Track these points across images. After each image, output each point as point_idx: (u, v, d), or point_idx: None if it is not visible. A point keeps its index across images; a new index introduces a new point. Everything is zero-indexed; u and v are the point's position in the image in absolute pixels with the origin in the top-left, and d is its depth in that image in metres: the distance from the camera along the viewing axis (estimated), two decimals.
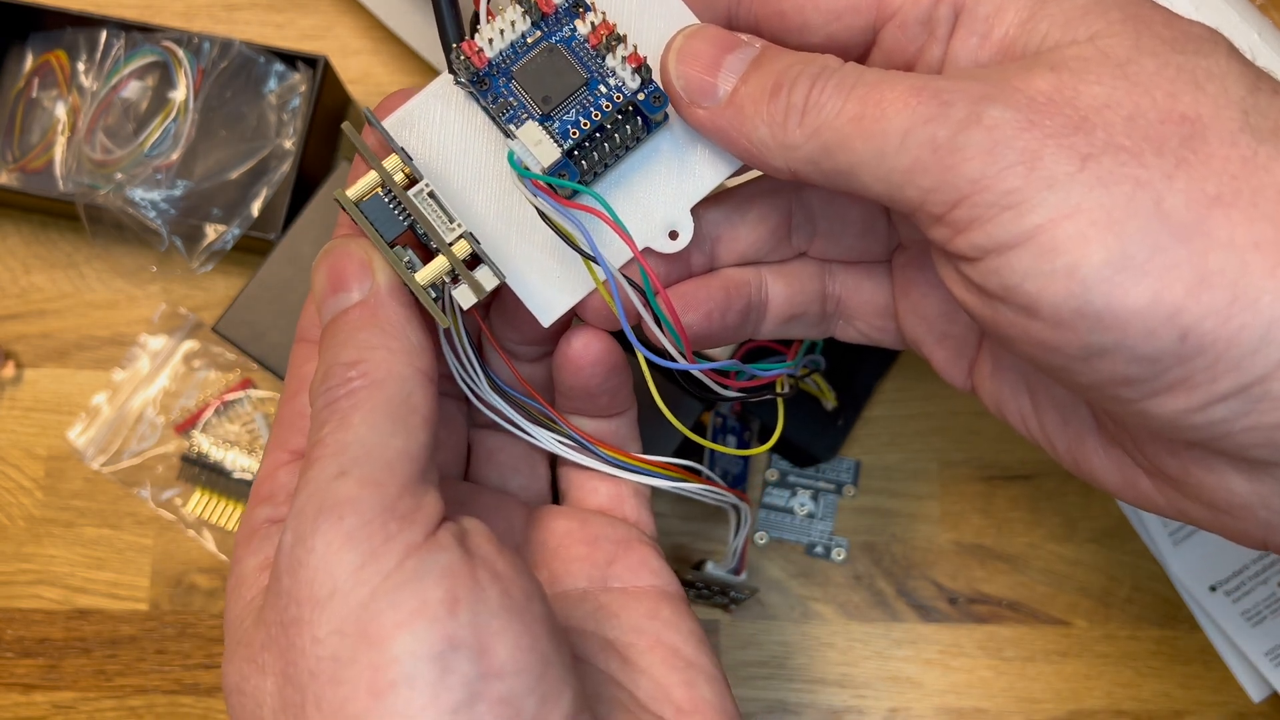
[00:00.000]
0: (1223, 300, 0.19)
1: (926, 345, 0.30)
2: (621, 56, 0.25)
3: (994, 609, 0.46)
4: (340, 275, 0.25)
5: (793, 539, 0.46)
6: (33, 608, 0.45)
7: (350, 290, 0.25)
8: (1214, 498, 0.24)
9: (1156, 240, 0.20)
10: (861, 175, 0.22)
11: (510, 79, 0.25)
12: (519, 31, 0.25)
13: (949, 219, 0.22)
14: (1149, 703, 0.45)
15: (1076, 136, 0.20)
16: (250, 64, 0.46)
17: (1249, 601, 0.44)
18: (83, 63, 0.46)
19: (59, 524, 0.46)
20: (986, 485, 0.47)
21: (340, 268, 0.25)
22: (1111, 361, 0.21)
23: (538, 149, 0.25)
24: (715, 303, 0.28)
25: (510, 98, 0.25)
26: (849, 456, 0.47)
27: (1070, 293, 0.20)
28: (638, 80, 0.25)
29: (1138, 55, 0.21)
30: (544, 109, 0.25)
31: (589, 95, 0.25)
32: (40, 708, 0.45)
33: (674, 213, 0.27)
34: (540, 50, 0.25)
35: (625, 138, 0.26)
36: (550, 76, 0.25)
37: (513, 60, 0.25)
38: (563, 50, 0.25)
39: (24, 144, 0.47)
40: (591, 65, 0.25)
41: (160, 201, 0.45)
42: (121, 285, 0.48)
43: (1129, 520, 0.46)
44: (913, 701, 0.45)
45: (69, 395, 0.47)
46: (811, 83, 0.23)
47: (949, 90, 0.21)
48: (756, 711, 0.45)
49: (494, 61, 0.25)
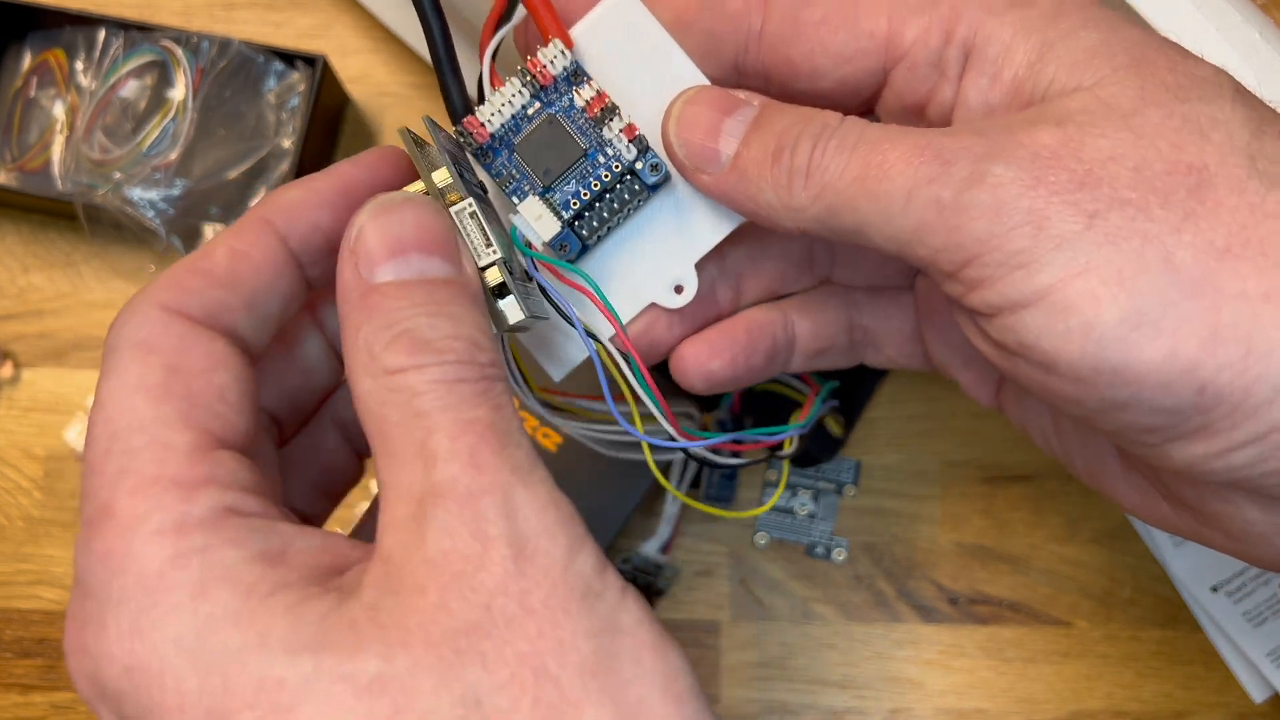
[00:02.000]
0: (1237, 354, 0.20)
1: (953, 368, 0.30)
2: (617, 129, 0.25)
3: (995, 610, 0.45)
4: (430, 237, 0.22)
5: (793, 539, 0.46)
6: (32, 608, 0.45)
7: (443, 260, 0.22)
8: (1230, 527, 0.24)
9: (1167, 295, 0.20)
10: (870, 234, 0.22)
11: (513, 151, 0.26)
12: (519, 105, 0.26)
13: (960, 277, 0.21)
14: (1150, 704, 0.45)
15: (1082, 192, 0.20)
16: (249, 63, 0.46)
17: (1250, 602, 0.44)
18: (81, 62, 0.46)
19: (58, 524, 0.46)
20: (988, 486, 0.46)
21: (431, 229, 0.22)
22: (1131, 413, 0.21)
23: (538, 223, 0.25)
24: (739, 347, 0.28)
25: (513, 169, 0.26)
26: (849, 456, 0.47)
27: (1085, 351, 0.20)
28: (634, 151, 0.26)
29: (1142, 105, 0.21)
30: (545, 181, 0.26)
31: (588, 165, 0.26)
32: (39, 708, 0.45)
33: (678, 269, 0.27)
34: (541, 122, 0.26)
35: (626, 202, 0.26)
36: (550, 149, 0.26)
37: (515, 132, 0.26)
38: (562, 121, 0.26)
39: (22, 143, 0.47)
40: (590, 136, 0.26)
41: (159, 201, 0.45)
42: (120, 285, 0.48)
43: (1130, 521, 0.46)
44: (913, 702, 0.45)
45: (67, 395, 0.47)
46: (813, 143, 0.23)
47: (951, 149, 0.21)
48: (757, 712, 0.45)
49: (496, 135, 0.26)
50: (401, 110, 0.49)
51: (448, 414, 0.20)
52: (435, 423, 0.20)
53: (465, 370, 0.21)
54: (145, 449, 0.20)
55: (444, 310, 0.21)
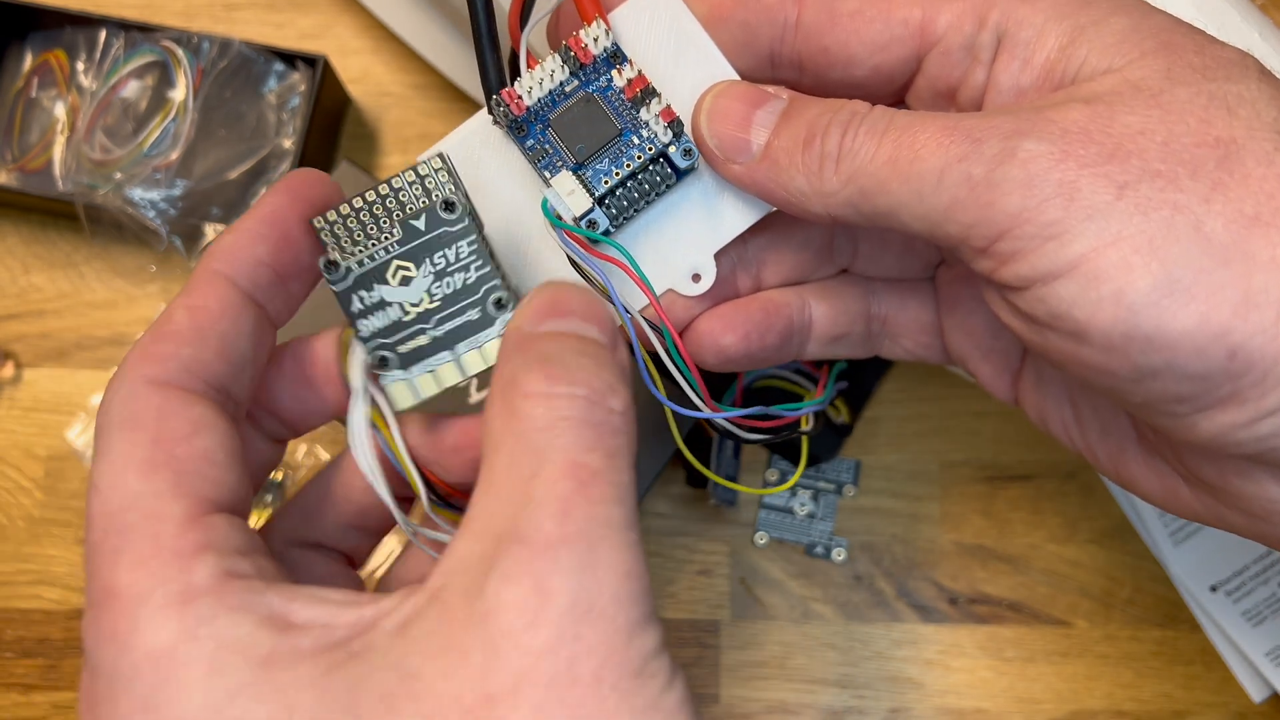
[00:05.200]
0: (1270, 318, 0.20)
1: (972, 361, 0.30)
2: (655, 111, 0.26)
3: (994, 609, 0.46)
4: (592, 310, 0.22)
5: (793, 539, 0.46)
6: (32, 608, 0.45)
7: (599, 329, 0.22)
8: (1252, 506, 0.24)
9: (1199, 263, 0.20)
10: (901, 215, 0.23)
11: (547, 126, 0.26)
12: (557, 80, 0.26)
13: (992, 251, 0.22)
14: (1150, 703, 0.45)
15: (1112, 164, 0.21)
16: (249, 63, 0.46)
17: (1250, 602, 0.44)
18: (82, 62, 0.46)
19: (59, 524, 0.46)
20: (987, 486, 0.46)
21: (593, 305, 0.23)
22: (1162, 381, 0.21)
23: (570, 198, 0.25)
24: (754, 324, 0.28)
25: (546, 145, 0.26)
26: (849, 456, 0.47)
27: (1118, 318, 0.21)
28: (670, 134, 0.26)
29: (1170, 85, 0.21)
30: (578, 158, 0.26)
31: (622, 145, 0.26)
32: (40, 708, 0.45)
33: (698, 257, 0.27)
34: (578, 100, 0.26)
35: (655, 186, 0.26)
36: (585, 126, 0.26)
37: (550, 108, 0.26)
38: (599, 100, 0.26)
39: (23, 144, 0.47)
40: (626, 116, 0.26)
41: (159, 201, 0.45)
42: (121, 285, 0.48)
43: (1130, 521, 0.46)
44: (913, 702, 0.45)
45: (68, 395, 0.47)
46: (843, 129, 0.23)
47: (980, 128, 0.22)
48: (756, 711, 0.45)
49: (532, 109, 0.26)
50: (402, 110, 0.49)
51: (561, 454, 0.19)
52: (546, 459, 0.19)
53: (594, 411, 0.20)
54: (140, 524, 0.20)
55: (590, 353, 0.21)
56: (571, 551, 0.18)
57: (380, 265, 0.24)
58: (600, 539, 0.19)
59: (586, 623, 0.18)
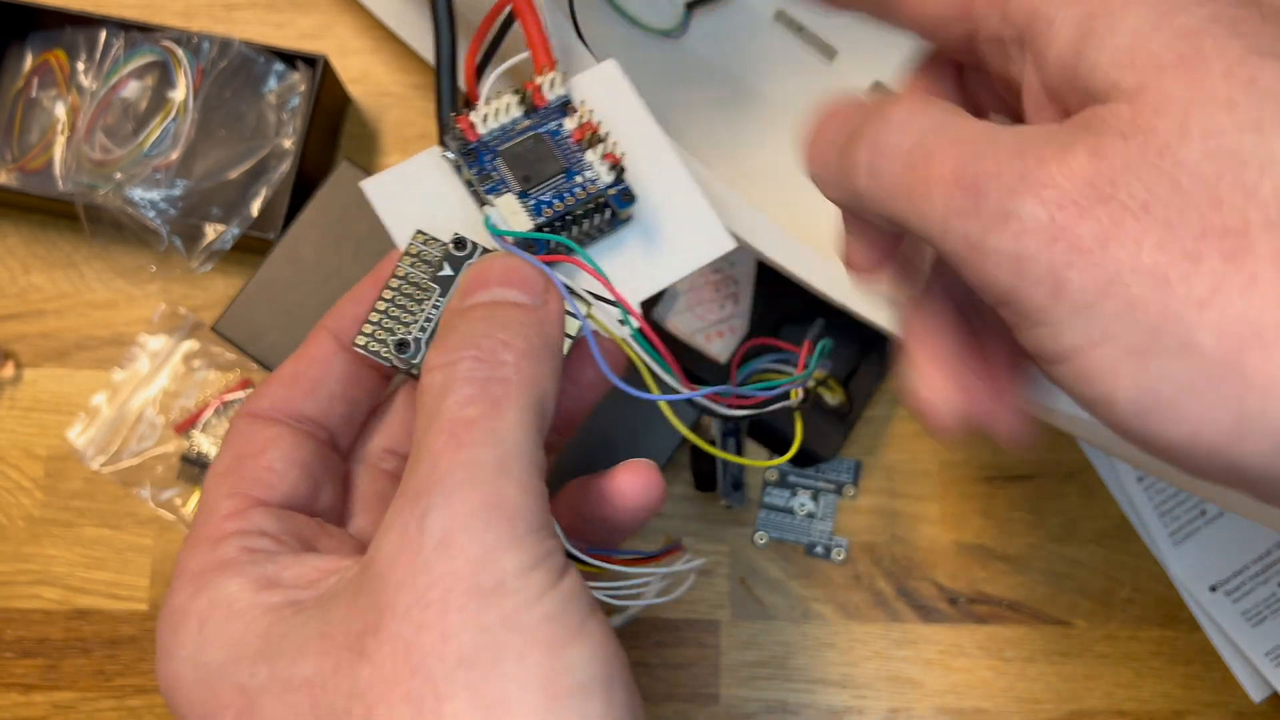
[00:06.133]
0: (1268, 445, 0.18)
1: None
2: (600, 153, 0.27)
3: (994, 609, 0.46)
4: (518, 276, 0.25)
5: (793, 539, 0.46)
6: (32, 608, 0.45)
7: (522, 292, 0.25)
8: None
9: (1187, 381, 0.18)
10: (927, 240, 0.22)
11: (496, 156, 0.27)
12: (511, 117, 0.28)
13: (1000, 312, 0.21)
14: (1149, 703, 0.45)
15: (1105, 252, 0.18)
16: (249, 63, 0.46)
17: (1249, 601, 0.44)
18: (82, 62, 0.46)
19: (59, 524, 0.46)
20: (987, 486, 0.47)
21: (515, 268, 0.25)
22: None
23: (513, 218, 0.27)
24: None
25: (494, 172, 0.27)
26: (849, 456, 0.47)
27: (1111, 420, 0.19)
28: (612, 175, 0.27)
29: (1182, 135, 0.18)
30: (523, 186, 0.27)
31: (566, 182, 0.27)
32: (40, 708, 0.45)
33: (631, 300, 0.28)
34: (528, 137, 0.28)
35: (592, 226, 0.28)
36: (533, 161, 0.27)
37: (501, 141, 0.28)
38: (548, 140, 0.28)
39: (23, 144, 0.47)
40: (572, 157, 0.27)
41: (159, 201, 0.45)
42: (121, 285, 0.48)
43: (1129, 521, 0.46)
44: (913, 702, 0.45)
45: (68, 395, 0.47)
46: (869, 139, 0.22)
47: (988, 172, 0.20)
48: (757, 711, 0.45)
49: (484, 138, 0.27)
50: (402, 110, 0.49)
51: (444, 413, 0.22)
52: (433, 421, 0.22)
53: (479, 368, 0.23)
54: (202, 517, 0.25)
55: (492, 316, 0.24)
56: (429, 498, 0.21)
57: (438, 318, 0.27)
58: (461, 481, 0.21)
59: (438, 554, 0.21)
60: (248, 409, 0.28)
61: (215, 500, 0.26)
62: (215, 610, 0.23)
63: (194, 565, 0.24)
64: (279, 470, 0.26)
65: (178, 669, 0.23)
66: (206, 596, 0.23)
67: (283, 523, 0.26)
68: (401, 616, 0.20)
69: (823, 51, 0.45)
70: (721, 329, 0.45)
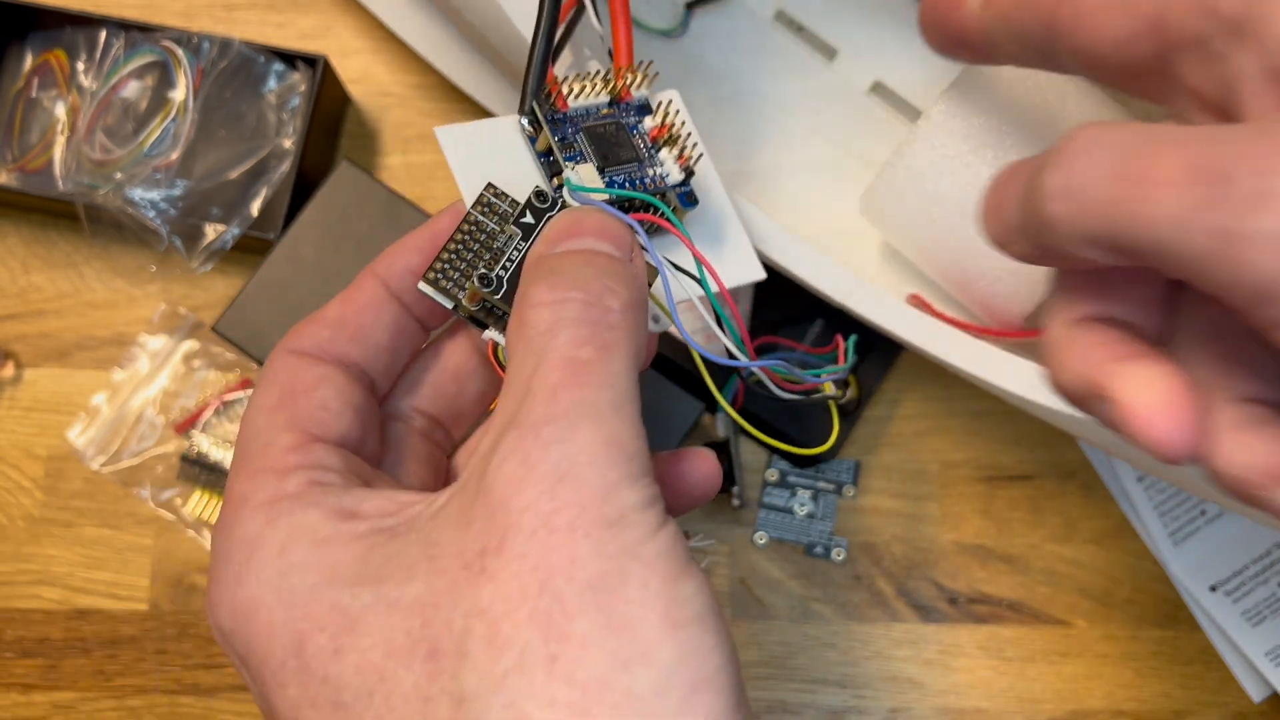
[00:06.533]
0: None
1: None
2: (676, 154, 0.29)
3: (994, 609, 0.46)
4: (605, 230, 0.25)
5: (792, 539, 0.46)
6: (32, 608, 0.45)
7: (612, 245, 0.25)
8: None
9: None
10: None
11: (579, 131, 0.29)
12: (597, 100, 0.29)
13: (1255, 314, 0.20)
14: (1149, 703, 0.45)
15: None
16: (250, 63, 0.46)
17: (1249, 601, 0.45)
18: (82, 62, 0.46)
19: (59, 524, 0.46)
20: (986, 486, 0.47)
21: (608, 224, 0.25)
22: None
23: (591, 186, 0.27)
24: None
25: (575, 142, 0.29)
26: (849, 457, 0.47)
27: None
28: (681, 175, 0.29)
29: None
30: (600, 163, 0.28)
31: (638, 170, 0.29)
32: (40, 708, 0.45)
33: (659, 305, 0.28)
34: (609, 122, 0.29)
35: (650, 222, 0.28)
36: (612, 144, 0.29)
37: (584, 119, 0.29)
38: (627, 130, 0.29)
39: (23, 144, 0.47)
40: (647, 151, 0.29)
41: (159, 201, 0.45)
42: (121, 285, 0.48)
43: (1129, 521, 0.46)
44: (913, 702, 0.45)
45: (69, 395, 0.47)
46: None
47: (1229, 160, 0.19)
48: (756, 711, 0.45)
49: (571, 112, 0.29)
50: (402, 110, 0.49)
51: (557, 351, 0.22)
52: (544, 358, 0.22)
53: (589, 311, 0.23)
54: (257, 449, 0.25)
55: (595, 263, 0.24)
56: (554, 428, 0.21)
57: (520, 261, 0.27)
58: (582, 416, 0.21)
59: (564, 484, 0.21)
60: (289, 346, 0.27)
61: (271, 433, 0.25)
62: (298, 536, 0.23)
63: (261, 495, 0.24)
64: (334, 409, 0.26)
65: (254, 593, 0.23)
66: (284, 524, 0.23)
67: (344, 460, 0.25)
68: (528, 537, 0.20)
69: (823, 51, 0.45)
70: None
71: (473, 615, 0.20)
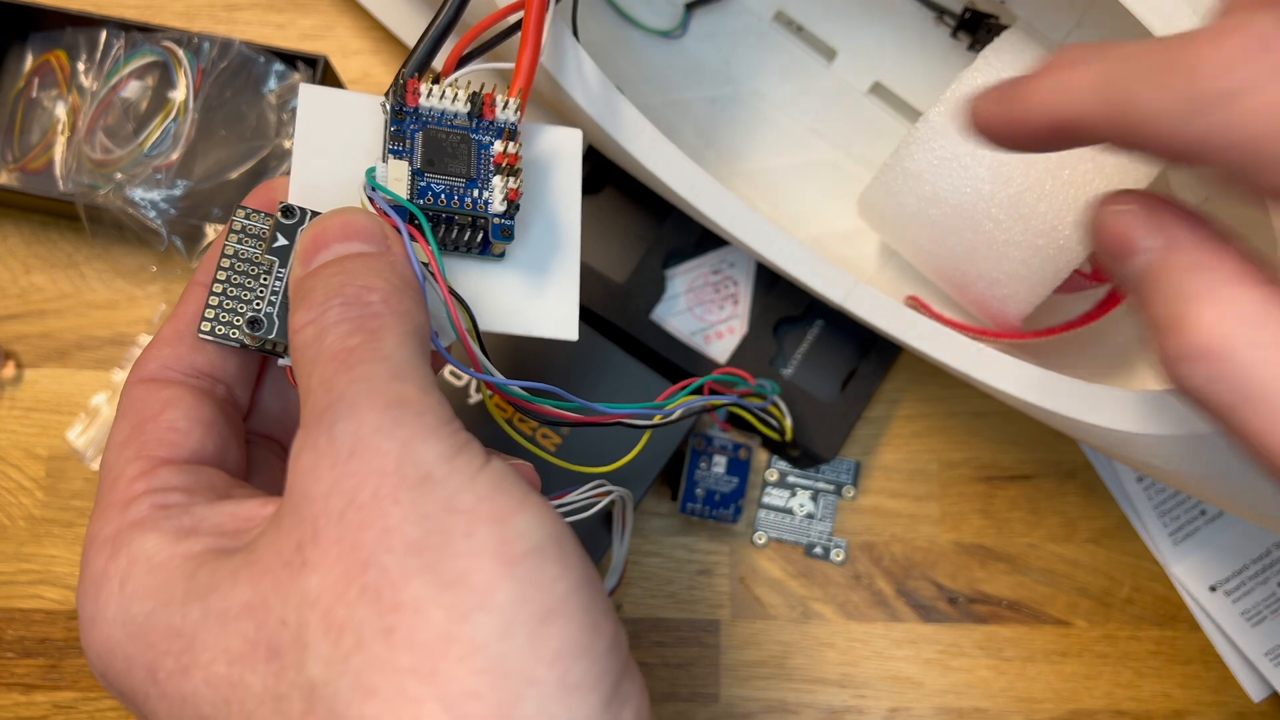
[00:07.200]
0: None
1: None
2: (507, 185, 0.28)
3: (994, 609, 0.46)
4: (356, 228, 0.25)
5: (792, 539, 0.46)
6: (33, 608, 0.46)
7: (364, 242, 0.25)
8: None
9: None
10: None
11: (419, 131, 0.28)
12: (455, 109, 0.28)
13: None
14: (1148, 703, 0.45)
15: None
16: (250, 64, 0.46)
17: (1249, 601, 0.45)
18: (82, 63, 0.46)
19: (59, 524, 0.46)
20: (986, 485, 0.47)
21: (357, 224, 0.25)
22: None
23: (395, 184, 0.27)
24: None
25: (408, 140, 0.28)
26: (849, 457, 0.47)
27: None
28: (503, 207, 0.28)
29: None
30: (423, 166, 0.28)
31: (462, 188, 0.28)
32: (41, 708, 0.45)
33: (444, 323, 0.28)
34: (457, 134, 0.28)
35: (461, 241, 0.28)
36: (447, 153, 0.28)
37: (433, 123, 0.28)
38: (473, 148, 0.28)
39: (24, 144, 0.47)
40: (481, 173, 0.28)
41: (160, 201, 0.45)
42: (122, 285, 0.48)
43: (1129, 521, 0.46)
44: (913, 701, 0.45)
45: (69, 395, 0.47)
46: None
47: None
48: (756, 711, 0.45)
49: (420, 110, 0.28)
50: None
51: (326, 351, 0.23)
52: (317, 363, 0.23)
53: (350, 309, 0.23)
54: (107, 486, 0.25)
55: (345, 268, 0.24)
56: (334, 412, 0.21)
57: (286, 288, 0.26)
58: (359, 393, 0.22)
59: (356, 458, 0.21)
60: (137, 375, 0.27)
61: (119, 467, 0.25)
62: (135, 566, 0.23)
63: (106, 531, 0.24)
64: (182, 429, 0.26)
65: (106, 633, 0.23)
66: (125, 555, 0.23)
67: (194, 476, 0.25)
68: (338, 520, 0.21)
69: (822, 52, 0.45)
70: (721, 330, 0.45)
71: (304, 607, 0.21)
